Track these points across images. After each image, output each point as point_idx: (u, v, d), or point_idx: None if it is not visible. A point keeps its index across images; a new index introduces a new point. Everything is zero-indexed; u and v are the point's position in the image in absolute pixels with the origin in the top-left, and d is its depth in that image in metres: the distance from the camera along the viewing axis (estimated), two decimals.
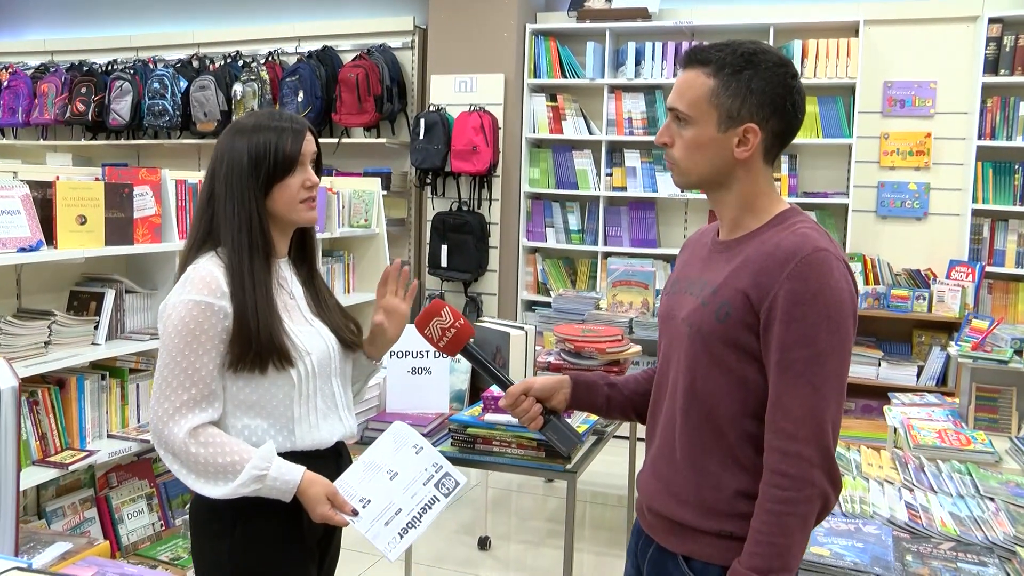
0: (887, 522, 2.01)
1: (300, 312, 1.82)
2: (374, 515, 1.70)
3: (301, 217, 1.80)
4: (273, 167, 1.74)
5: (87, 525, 3.22)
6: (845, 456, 2.51)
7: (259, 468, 1.65)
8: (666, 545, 1.57)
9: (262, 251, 1.75)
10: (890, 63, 5.23)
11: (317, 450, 1.79)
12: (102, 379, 3.15)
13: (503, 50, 5.81)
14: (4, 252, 2.72)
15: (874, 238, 5.30)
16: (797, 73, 1.53)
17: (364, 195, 4.89)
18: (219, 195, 1.76)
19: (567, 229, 5.90)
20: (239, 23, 6.80)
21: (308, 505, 1.70)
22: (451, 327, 1.73)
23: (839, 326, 1.41)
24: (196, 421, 1.66)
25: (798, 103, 1.51)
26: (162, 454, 1.70)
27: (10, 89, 7.03)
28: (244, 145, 1.75)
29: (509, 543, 4.07)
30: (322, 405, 1.80)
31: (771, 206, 1.55)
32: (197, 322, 1.67)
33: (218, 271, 1.71)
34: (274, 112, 1.83)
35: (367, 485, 1.73)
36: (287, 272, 1.85)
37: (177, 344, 1.67)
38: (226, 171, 1.75)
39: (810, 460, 1.39)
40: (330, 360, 1.82)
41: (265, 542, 1.73)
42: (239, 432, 1.73)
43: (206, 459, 1.65)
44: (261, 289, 1.72)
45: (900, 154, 5.21)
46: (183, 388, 1.66)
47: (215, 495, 1.66)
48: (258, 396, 1.72)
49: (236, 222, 1.73)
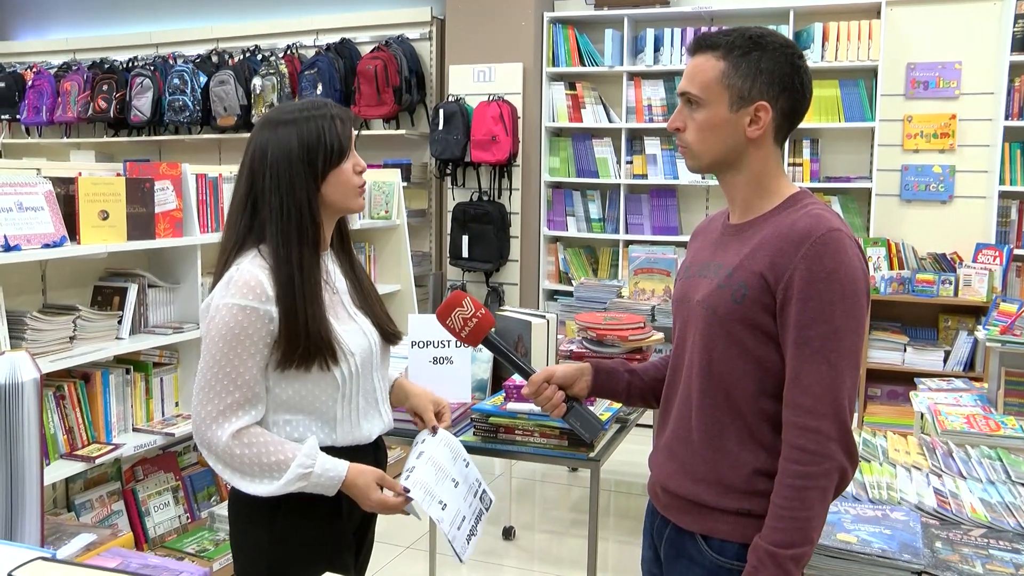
0: (915, 508, 1.98)
1: (344, 307, 1.79)
2: (451, 518, 1.72)
3: (355, 203, 1.77)
4: (329, 153, 1.70)
5: (115, 518, 3.25)
6: (871, 442, 2.48)
7: (304, 466, 1.64)
8: (683, 525, 1.58)
9: (312, 242, 1.70)
10: (913, 44, 5.15)
11: (358, 445, 1.78)
12: (126, 373, 3.18)
13: (521, 39, 5.78)
14: (28, 248, 2.75)
15: (898, 222, 5.23)
16: (803, 54, 1.56)
17: (384, 187, 4.89)
18: (263, 188, 1.70)
19: (588, 218, 5.87)
20: (257, 17, 6.81)
21: (359, 496, 1.69)
22: (472, 317, 1.73)
23: (853, 304, 1.44)
24: (239, 424, 1.65)
25: (805, 83, 1.54)
26: (205, 455, 1.69)
27: (34, 88, 7.10)
28: (292, 134, 1.69)
29: (533, 533, 4.07)
30: (363, 403, 1.79)
31: (782, 188, 1.57)
32: (242, 327, 1.63)
33: (262, 274, 1.66)
34: (307, 101, 1.77)
35: (441, 488, 1.74)
36: (330, 265, 1.81)
37: (221, 348, 1.64)
38: (271, 162, 1.69)
39: (828, 434, 1.42)
40: (372, 356, 1.80)
41: (304, 533, 1.73)
42: (281, 428, 1.71)
43: (251, 460, 1.64)
44: (311, 283, 1.68)
45: (924, 137, 5.14)
46: (226, 392, 1.64)
47: (262, 493, 1.65)
48: (302, 395, 1.70)
49: (285, 213, 1.68)
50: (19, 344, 2.80)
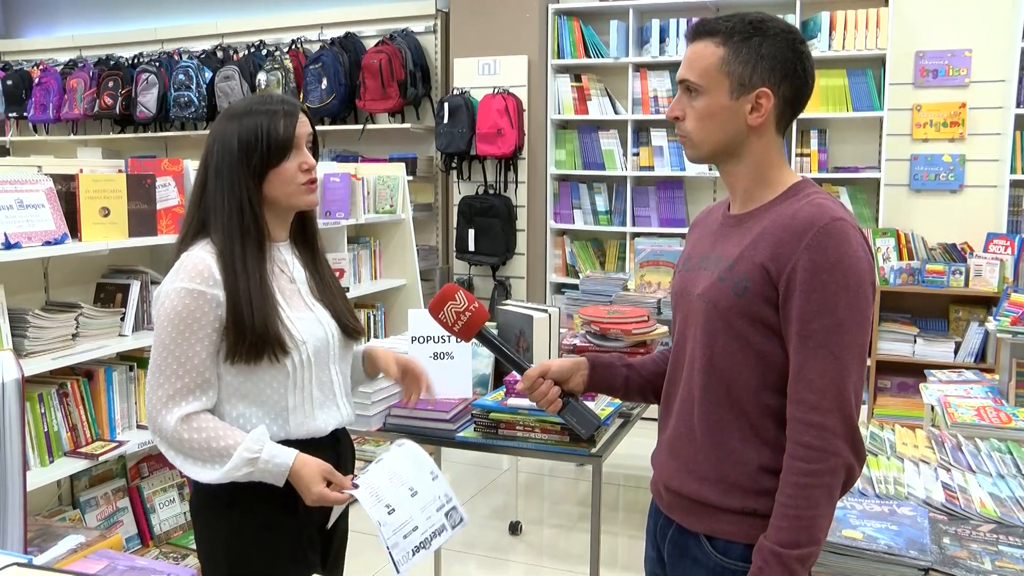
0: (923, 503, 1.95)
1: (300, 297, 1.79)
2: (396, 525, 1.67)
3: (301, 201, 1.77)
4: (267, 152, 1.71)
5: (120, 515, 3.25)
6: (879, 435, 2.45)
7: (251, 451, 1.64)
8: (687, 525, 1.55)
9: (254, 238, 1.71)
10: (922, 32, 5.09)
11: (313, 438, 1.77)
12: (130, 370, 3.17)
13: (526, 31, 5.74)
14: (29, 246, 2.74)
15: (907, 212, 5.17)
16: (805, 40, 1.52)
17: (389, 181, 4.87)
18: (208, 184, 1.73)
19: (595, 210, 5.84)
20: (262, 12, 6.80)
21: (302, 487, 1.67)
22: (465, 311, 1.70)
23: (858, 295, 1.39)
24: (189, 409, 1.66)
25: (808, 69, 1.50)
26: (156, 442, 1.70)
27: (41, 86, 7.11)
28: (234, 130, 1.72)
29: (540, 528, 4.05)
30: (318, 394, 1.78)
31: (783, 177, 1.53)
32: (189, 310, 1.65)
33: (210, 259, 1.68)
34: (265, 95, 1.79)
35: (392, 493, 1.70)
36: (287, 255, 1.82)
37: (169, 332, 1.66)
38: (216, 159, 1.72)
39: (833, 430, 1.38)
40: (328, 347, 1.79)
41: (259, 527, 1.72)
42: (233, 420, 1.71)
43: (199, 444, 1.64)
44: (255, 277, 1.69)
45: (933, 126, 5.08)
46: (176, 376, 1.65)
47: (207, 479, 1.65)
48: (252, 385, 1.71)
49: (226, 209, 1.70)
50: (21, 342, 2.79)
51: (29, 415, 2.81)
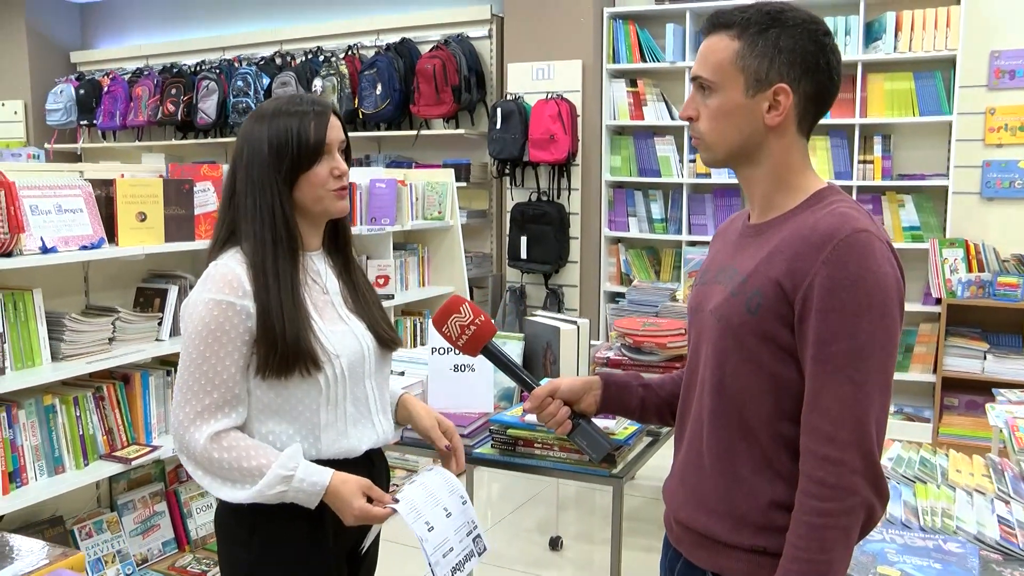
0: (974, 539, 1.80)
1: (334, 308, 1.71)
2: (437, 542, 1.60)
3: (331, 208, 1.68)
4: (297, 155, 1.62)
5: (157, 519, 3.26)
6: (930, 461, 2.28)
7: (286, 468, 1.56)
8: (695, 560, 1.43)
9: (287, 246, 1.63)
10: (997, 30, 4.83)
11: (346, 459, 1.68)
12: (167, 375, 3.18)
13: (581, 36, 5.65)
14: (66, 250, 2.76)
15: (978, 222, 4.91)
16: (830, 31, 1.38)
17: (437, 187, 4.83)
18: (238, 188, 1.65)
19: (650, 218, 5.71)
20: (320, 19, 6.85)
21: (342, 504, 1.58)
22: (470, 324, 1.61)
23: (883, 315, 1.25)
24: (218, 426, 1.57)
25: (832, 63, 1.36)
26: (184, 460, 1.62)
27: (110, 94, 7.31)
28: (264, 132, 1.63)
29: (580, 543, 3.94)
30: (352, 410, 1.68)
31: (806, 183, 1.39)
32: (218, 322, 1.57)
33: (240, 268, 1.60)
34: (295, 96, 1.70)
35: (431, 511, 1.63)
36: (320, 265, 1.73)
37: (197, 345, 1.58)
38: (246, 162, 1.64)
39: (851, 466, 1.24)
40: (363, 361, 1.70)
41: (285, 550, 1.64)
42: (263, 437, 1.63)
43: (230, 464, 1.56)
44: (287, 289, 1.60)
45: (1009, 130, 4.81)
46: (204, 392, 1.57)
47: (238, 499, 1.57)
48: (283, 401, 1.62)
49: (257, 216, 1.62)
50: (58, 346, 2.82)
51: (65, 418, 2.84)
